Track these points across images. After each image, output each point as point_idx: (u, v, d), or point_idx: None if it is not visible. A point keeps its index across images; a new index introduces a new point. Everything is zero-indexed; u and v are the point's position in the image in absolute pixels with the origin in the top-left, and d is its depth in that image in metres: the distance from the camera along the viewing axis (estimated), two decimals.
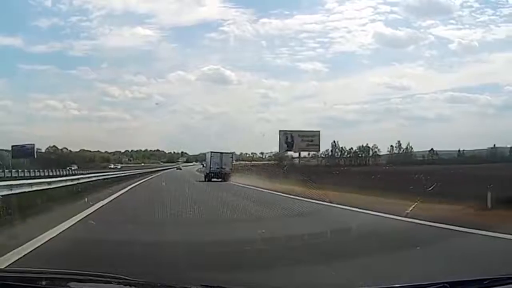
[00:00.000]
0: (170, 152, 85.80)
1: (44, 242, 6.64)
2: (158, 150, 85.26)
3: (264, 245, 6.78)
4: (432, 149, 58.59)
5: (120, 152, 77.20)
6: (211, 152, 36.30)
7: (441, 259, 5.87)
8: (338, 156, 63.97)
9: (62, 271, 2.93)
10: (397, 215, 9.71)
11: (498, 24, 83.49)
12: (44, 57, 77.76)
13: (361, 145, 64.10)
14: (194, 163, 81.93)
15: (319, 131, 47.76)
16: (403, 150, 62.56)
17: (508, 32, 76.90)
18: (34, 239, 6.63)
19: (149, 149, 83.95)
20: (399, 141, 62.49)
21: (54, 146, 64.18)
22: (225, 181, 32.78)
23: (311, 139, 46.25)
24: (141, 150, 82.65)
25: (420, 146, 59.98)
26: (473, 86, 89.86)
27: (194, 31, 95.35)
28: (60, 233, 7.59)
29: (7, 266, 4.96)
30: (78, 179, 20.12)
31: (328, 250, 6.53)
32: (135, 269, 4.95)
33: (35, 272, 3.01)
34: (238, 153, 58.47)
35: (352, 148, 64.72)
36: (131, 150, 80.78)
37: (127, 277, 2.58)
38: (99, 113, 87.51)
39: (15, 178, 21.36)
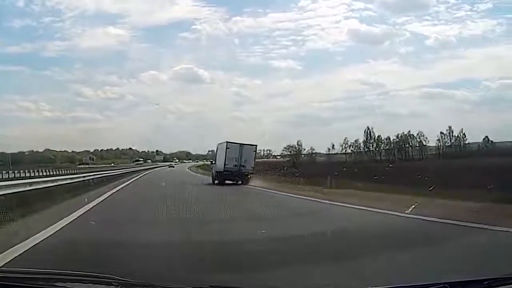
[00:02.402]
0: (144, 151, 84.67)
1: None
2: (130, 148, 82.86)
3: None
4: (486, 137, 47.17)
5: (88, 151, 74.67)
6: (227, 142, 25.98)
7: None
8: (374, 148, 50.74)
9: (60, 272, 2.92)
10: None
11: (475, 20, 79.37)
12: (17, 57, 74.33)
13: (401, 133, 50.33)
14: (176, 160, 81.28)
15: None
16: (456, 139, 49.31)
17: (485, 27, 74.51)
18: None
19: (121, 148, 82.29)
20: (450, 127, 48.15)
21: None
22: (243, 184, 24.46)
23: None
24: (112, 149, 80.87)
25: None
26: (449, 82, 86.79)
27: (166, 30, 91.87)
28: None
29: None
30: None
31: None
32: None
33: (33, 273, 3.02)
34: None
35: (389, 137, 51.11)
36: (101, 150, 78.27)
37: (125, 279, 2.58)
38: (72, 114, 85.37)
39: None
